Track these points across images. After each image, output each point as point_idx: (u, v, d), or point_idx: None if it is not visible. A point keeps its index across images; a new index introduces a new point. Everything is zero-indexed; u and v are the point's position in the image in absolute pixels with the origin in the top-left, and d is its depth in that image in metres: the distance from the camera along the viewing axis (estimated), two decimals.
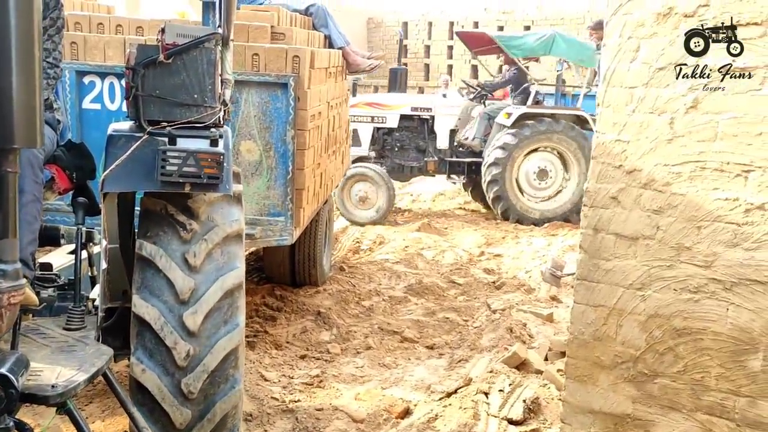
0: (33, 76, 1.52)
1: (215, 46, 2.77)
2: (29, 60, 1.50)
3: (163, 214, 2.72)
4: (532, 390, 3.88)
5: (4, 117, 1.48)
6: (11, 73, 1.47)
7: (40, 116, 1.57)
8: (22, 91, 1.49)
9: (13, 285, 1.71)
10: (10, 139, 1.51)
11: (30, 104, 1.52)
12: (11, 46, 1.46)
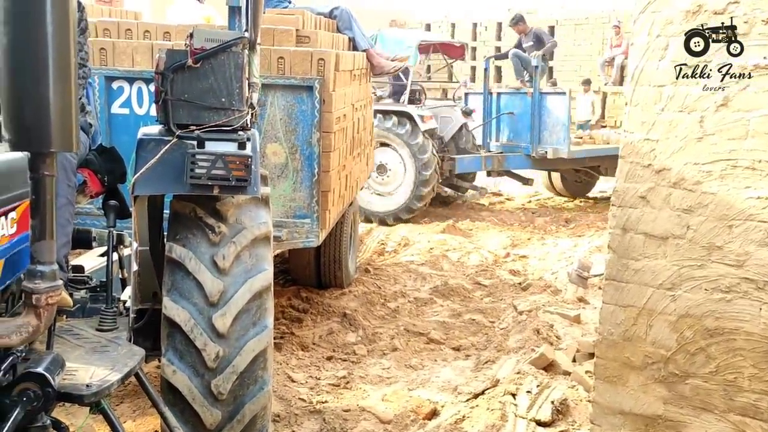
0: (69, 80, 1.55)
1: (242, 50, 2.80)
2: (65, 65, 1.53)
3: (192, 216, 2.75)
4: (560, 391, 3.85)
5: (41, 121, 1.51)
6: (48, 77, 1.50)
7: (76, 120, 1.59)
8: (59, 95, 1.52)
9: (50, 286, 1.74)
10: (47, 143, 1.54)
11: (66, 108, 1.54)
12: (48, 51, 1.49)
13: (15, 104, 1.51)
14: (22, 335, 1.77)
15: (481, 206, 10.76)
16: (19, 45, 1.49)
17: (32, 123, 1.52)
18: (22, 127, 1.52)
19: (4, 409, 1.89)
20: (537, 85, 10.17)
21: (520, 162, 10.40)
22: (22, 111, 1.51)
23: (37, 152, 1.63)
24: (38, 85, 1.50)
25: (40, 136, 1.53)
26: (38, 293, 1.73)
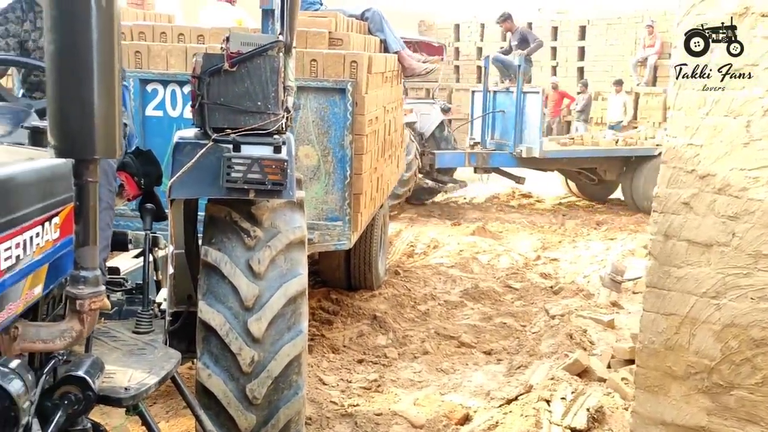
0: (113, 87, 1.55)
1: (278, 53, 2.79)
2: (110, 72, 1.53)
3: (227, 220, 2.75)
4: (595, 398, 3.79)
5: (86, 128, 1.51)
6: (93, 85, 1.50)
7: (119, 127, 1.60)
8: (103, 103, 1.52)
9: (93, 291, 1.75)
10: (91, 150, 1.54)
11: (110, 115, 1.54)
12: (93, 58, 1.49)
13: (60, 111, 1.51)
14: (65, 340, 1.77)
15: (511, 208, 10.69)
16: (65, 52, 1.49)
17: (77, 130, 1.52)
18: (67, 134, 1.53)
19: (46, 412, 1.90)
20: (520, 85, 10.18)
21: (505, 160, 10.41)
22: (68, 118, 1.51)
23: (81, 159, 1.64)
24: (83, 93, 1.50)
25: (84, 143, 1.53)
26: (82, 298, 1.74)
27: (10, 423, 1.63)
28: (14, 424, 1.63)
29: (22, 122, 2.14)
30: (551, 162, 10.40)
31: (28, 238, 1.66)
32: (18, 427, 1.63)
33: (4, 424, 1.62)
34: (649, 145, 10.33)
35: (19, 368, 1.68)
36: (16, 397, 1.62)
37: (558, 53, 18.23)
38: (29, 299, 1.75)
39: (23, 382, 1.66)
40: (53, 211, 1.80)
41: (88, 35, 1.48)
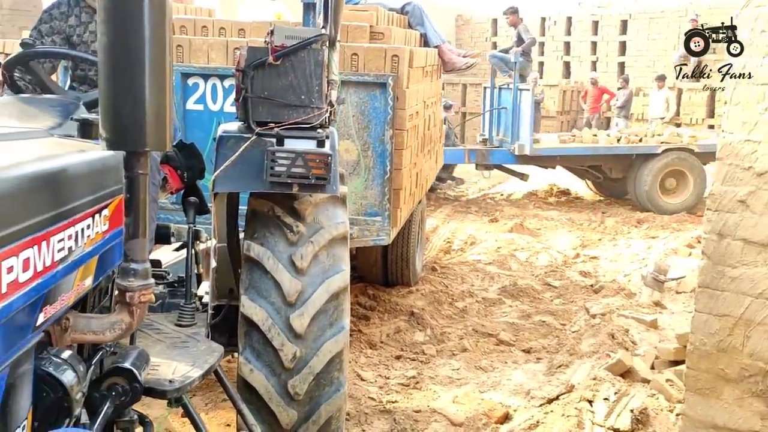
0: (164, 80, 1.54)
1: (322, 47, 2.77)
2: (161, 65, 1.52)
3: (270, 215, 2.74)
4: (639, 399, 3.71)
5: (137, 121, 1.51)
6: (144, 78, 1.49)
7: (170, 120, 1.59)
8: (155, 96, 1.52)
9: (143, 284, 1.75)
10: (142, 143, 1.54)
11: (161, 108, 1.54)
12: (145, 51, 1.49)
13: (113, 104, 1.51)
14: (115, 332, 1.78)
15: (549, 205, 10.56)
16: (118, 45, 1.49)
17: (129, 123, 1.52)
18: (119, 127, 1.53)
19: (93, 403, 1.91)
20: (516, 81, 10.08)
21: (504, 157, 10.33)
22: (120, 111, 1.51)
23: (132, 151, 1.64)
24: (135, 86, 1.50)
25: (135, 135, 1.53)
26: (132, 291, 1.74)
27: (63, 413, 1.64)
28: (67, 414, 1.64)
29: (71, 114, 2.16)
30: (550, 159, 10.30)
31: (79, 230, 1.67)
32: (71, 417, 1.64)
33: (57, 414, 1.64)
34: (653, 143, 10.13)
35: (71, 359, 1.70)
36: (69, 388, 1.64)
37: (598, 48, 17.98)
38: (80, 291, 1.75)
39: (75, 372, 1.67)
40: (103, 203, 1.80)
41: (141, 29, 1.48)
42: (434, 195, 10.63)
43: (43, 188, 1.54)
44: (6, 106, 2.20)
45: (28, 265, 1.45)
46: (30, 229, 1.46)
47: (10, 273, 1.39)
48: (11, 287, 1.40)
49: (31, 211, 1.48)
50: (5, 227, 1.38)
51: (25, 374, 1.54)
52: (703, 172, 9.95)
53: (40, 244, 1.49)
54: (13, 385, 1.49)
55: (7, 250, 1.38)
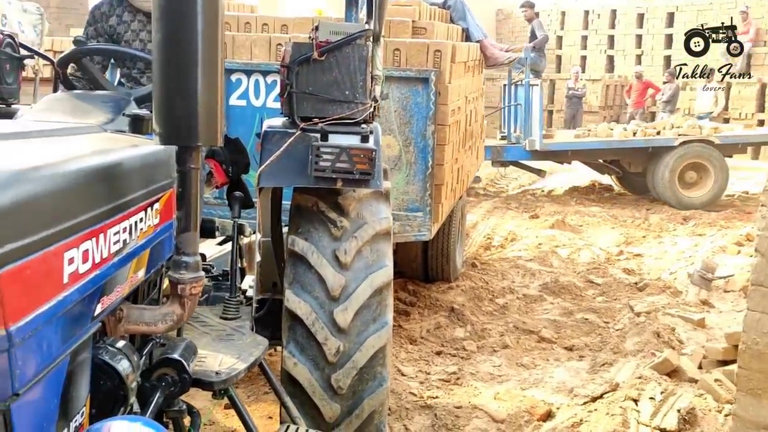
0: (216, 77, 1.57)
1: (366, 42, 2.77)
2: (213, 62, 1.55)
3: (314, 210, 2.76)
4: (686, 399, 3.64)
5: (190, 116, 1.54)
6: (197, 74, 1.52)
7: (221, 115, 1.61)
8: (207, 91, 1.54)
9: (194, 276, 1.78)
10: (195, 137, 1.57)
11: (212, 104, 1.57)
12: (198, 48, 1.51)
13: (166, 100, 1.54)
14: (167, 323, 1.82)
15: (591, 201, 10.41)
16: (171, 42, 1.52)
17: (181, 118, 1.55)
18: (171, 122, 1.56)
19: (145, 393, 1.95)
20: (528, 77, 9.96)
21: (518, 153, 10.19)
22: (173, 106, 1.54)
23: (184, 146, 1.66)
24: (188, 82, 1.52)
25: (188, 130, 1.56)
26: (183, 283, 1.77)
27: (119, 401, 1.68)
28: (123, 402, 1.68)
29: (122, 110, 2.20)
30: (562, 155, 10.15)
31: (133, 223, 1.71)
32: (126, 405, 1.68)
33: (114, 402, 1.68)
34: (670, 135, 9.86)
35: (125, 349, 1.74)
36: (125, 376, 1.68)
37: (643, 41, 17.65)
38: (134, 282, 1.79)
39: (130, 362, 1.71)
40: (154, 197, 1.84)
41: (194, 27, 1.50)
42: (473, 191, 10.57)
43: (99, 182, 1.58)
44: (60, 102, 2.25)
45: (87, 256, 1.49)
46: (89, 221, 1.49)
47: (71, 264, 1.43)
48: (72, 278, 1.44)
49: (89, 204, 1.51)
50: (66, 220, 1.41)
51: (84, 363, 1.59)
52: (725, 164, 9.70)
53: (98, 236, 1.53)
54: (72, 374, 1.53)
55: (69, 242, 1.42)
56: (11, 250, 1.24)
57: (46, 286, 1.36)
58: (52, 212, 1.39)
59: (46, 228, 1.35)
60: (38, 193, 1.35)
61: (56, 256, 1.39)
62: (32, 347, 1.32)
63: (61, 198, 1.42)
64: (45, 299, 1.35)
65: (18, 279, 1.26)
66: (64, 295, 1.40)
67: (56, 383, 1.45)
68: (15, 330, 1.25)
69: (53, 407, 1.45)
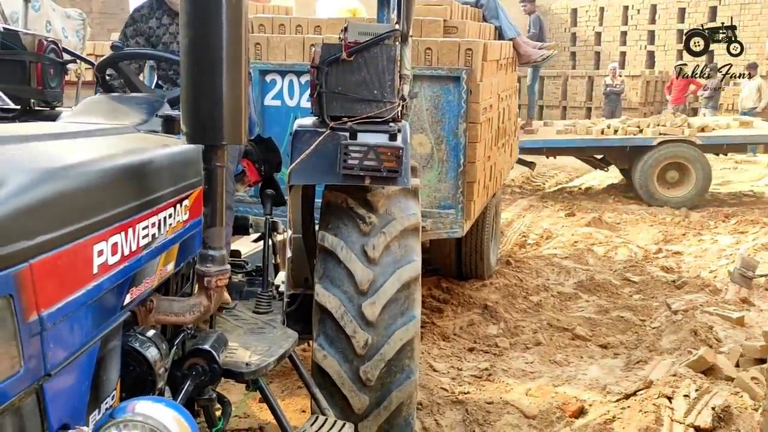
0: (240, 78, 1.64)
1: (395, 42, 2.82)
2: (237, 64, 1.62)
3: (343, 207, 2.82)
4: (722, 397, 3.60)
5: (214, 116, 1.61)
6: (222, 74, 1.59)
7: (245, 115, 1.68)
8: (231, 92, 1.61)
9: (220, 269, 1.86)
10: (219, 137, 1.64)
11: (236, 103, 1.64)
12: (223, 51, 1.59)
13: (193, 100, 1.61)
14: (194, 314, 1.89)
15: (628, 199, 10.28)
16: (198, 45, 1.60)
17: (207, 118, 1.62)
18: (198, 122, 1.63)
19: (176, 381, 2.04)
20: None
21: None
22: (199, 107, 1.61)
23: (210, 145, 1.73)
24: (214, 84, 1.60)
25: (214, 130, 1.63)
26: (209, 276, 1.84)
27: (148, 386, 1.77)
28: (151, 388, 1.77)
29: (156, 111, 2.29)
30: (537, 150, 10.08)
31: (162, 218, 1.79)
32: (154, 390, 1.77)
33: (143, 387, 1.77)
34: (649, 134, 9.69)
35: (155, 337, 1.83)
36: (153, 363, 1.77)
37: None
38: (163, 275, 1.87)
39: (159, 350, 1.80)
40: (184, 194, 1.92)
41: (219, 30, 1.58)
42: (510, 189, 10.53)
43: (129, 179, 1.66)
44: (97, 105, 2.35)
45: (116, 249, 1.58)
46: (118, 216, 1.58)
47: (100, 256, 1.52)
48: (102, 269, 1.52)
49: (119, 200, 1.60)
50: (95, 214, 1.50)
51: (114, 349, 1.68)
52: (707, 164, 9.58)
53: (126, 230, 1.62)
54: (103, 359, 1.62)
55: (98, 235, 1.51)
56: (44, 241, 1.34)
57: (76, 276, 1.45)
58: (82, 207, 1.48)
59: (77, 221, 1.44)
60: (69, 189, 1.44)
61: (86, 247, 1.48)
62: (63, 332, 1.41)
63: (91, 194, 1.51)
64: (75, 288, 1.44)
65: (50, 268, 1.35)
66: (93, 284, 1.49)
67: (87, 367, 1.54)
68: (47, 315, 1.34)
69: (84, 389, 1.54)
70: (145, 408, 1.46)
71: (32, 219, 1.32)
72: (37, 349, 1.33)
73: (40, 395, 1.37)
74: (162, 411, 1.47)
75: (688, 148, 9.56)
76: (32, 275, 1.30)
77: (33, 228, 1.31)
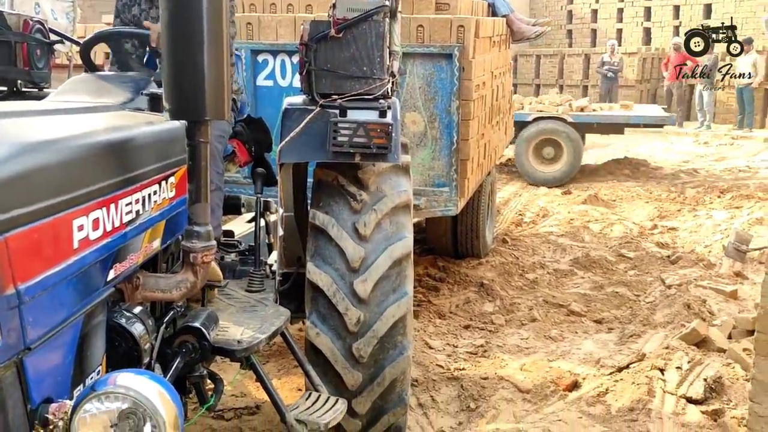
0: (222, 54, 1.64)
1: (383, 18, 2.80)
2: (218, 38, 1.62)
3: (334, 184, 2.82)
4: (713, 368, 3.63)
5: (197, 92, 1.61)
6: (203, 49, 1.59)
7: (228, 91, 1.68)
8: (213, 67, 1.61)
9: (205, 245, 1.87)
10: (202, 112, 1.64)
11: (219, 80, 1.64)
12: (203, 24, 1.58)
13: (174, 76, 1.61)
14: (181, 290, 1.90)
15: (626, 176, 10.28)
16: (178, 21, 1.59)
17: (189, 94, 1.62)
18: (180, 98, 1.63)
19: (166, 358, 2.05)
20: None
21: None
22: (181, 82, 1.61)
23: (193, 120, 1.73)
24: (195, 59, 1.60)
25: (196, 105, 1.63)
26: (195, 252, 1.85)
27: (134, 361, 1.78)
28: (137, 363, 1.78)
29: (142, 90, 2.28)
30: None
31: (146, 195, 1.79)
32: (140, 365, 1.78)
33: (128, 362, 1.78)
34: (527, 111, 9.81)
35: (141, 314, 1.84)
36: (138, 338, 1.78)
37: (681, 12, 17.25)
38: (148, 252, 1.88)
39: (144, 326, 1.81)
40: (169, 171, 1.92)
41: (199, 5, 1.56)
42: (507, 168, 10.52)
43: (110, 155, 1.66)
44: (84, 84, 2.35)
45: (98, 224, 1.58)
46: (99, 192, 1.58)
47: (81, 231, 1.52)
48: (82, 244, 1.53)
49: (99, 175, 1.60)
50: (75, 189, 1.51)
51: (99, 325, 1.69)
52: (579, 142, 9.69)
53: (108, 206, 1.62)
54: (87, 334, 1.63)
55: (78, 210, 1.52)
56: (19, 215, 1.34)
57: (56, 250, 1.45)
58: (60, 182, 1.48)
59: (54, 196, 1.44)
60: (46, 164, 1.44)
61: (66, 222, 1.48)
62: (43, 306, 1.42)
63: (70, 170, 1.51)
64: (55, 262, 1.44)
65: (26, 242, 1.36)
66: (74, 259, 1.50)
67: (70, 342, 1.55)
68: (24, 289, 1.35)
69: (67, 364, 1.55)
70: (126, 380, 1.47)
71: (6, 193, 1.32)
72: (16, 323, 1.33)
73: (20, 369, 1.38)
74: (144, 383, 1.47)
75: (558, 125, 9.71)
76: (7, 249, 1.30)
77: (7, 202, 1.31)
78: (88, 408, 1.43)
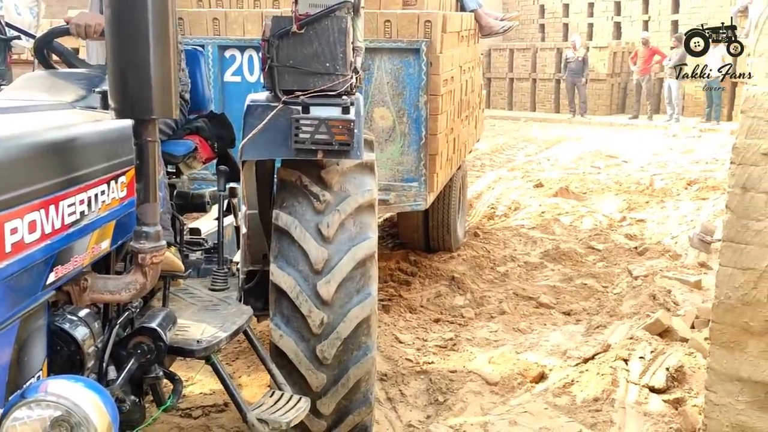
0: (168, 48, 1.60)
1: (346, 14, 2.79)
2: (164, 36, 1.59)
3: (298, 184, 2.80)
4: (676, 358, 3.70)
5: (143, 90, 1.58)
6: (149, 48, 1.56)
7: (176, 88, 1.66)
8: (159, 65, 1.58)
9: (154, 246, 1.84)
10: (149, 110, 1.61)
11: (166, 77, 1.61)
12: (148, 23, 1.55)
13: (119, 75, 1.58)
14: (130, 292, 1.88)
15: (596, 169, 10.39)
16: (123, 17, 1.56)
17: (135, 92, 1.59)
18: (126, 96, 1.60)
19: (120, 360, 2.03)
20: None
21: None
22: (126, 80, 1.58)
23: (140, 119, 1.70)
24: (140, 56, 1.56)
25: (142, 104, 1.60)
26: (144, 253, 1.82)
27: (76, 365, 1.75)
28: (80, 367, 1.75)
29: (95, 87, 2.25)
30: None
31: (92, 195, 1.75)
32: (83, 370, 1.75)
33: (71, 367, 1.75)
34: None
35: (86, 317, 1.80)
36: (81, 342, 1.75)
37: (650, 6, 17.42)
38: (96, 253, 1.85)
39: (89, 329, 1.78)
40: (119, 171, 1.89)
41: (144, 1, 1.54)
42: (480, 162, 10.58)
43: (50, 156, 1.62)
44: (36, 81, 2.31)
45: (35, 227, 1.53)
46: (36, 193, 1.54)
47: (14, 234, 1.47)
48: (15, 248, 1.48)
49: (37, 177, 1.55)
50: (7, 191, 1.45)
51: (38, 329, 1.64)
52: None
53: (47, 207, 1.58)
54: (26, 339, 1.58)
55: (11, 212, 1.46)
56: None
57: None
58: None
59: None
60: None
61: None
62: None
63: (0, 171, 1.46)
64: None
65: None
66: (6, 263, 1.44)
67: (5, 347, 1.50)
68: None
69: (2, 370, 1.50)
70: (58, 387, 1.41)
71: None
72: None
73: None
74: (77, 390, 1.41)
75: None
76: None
77: None
78: (18, 415, 1.37)
